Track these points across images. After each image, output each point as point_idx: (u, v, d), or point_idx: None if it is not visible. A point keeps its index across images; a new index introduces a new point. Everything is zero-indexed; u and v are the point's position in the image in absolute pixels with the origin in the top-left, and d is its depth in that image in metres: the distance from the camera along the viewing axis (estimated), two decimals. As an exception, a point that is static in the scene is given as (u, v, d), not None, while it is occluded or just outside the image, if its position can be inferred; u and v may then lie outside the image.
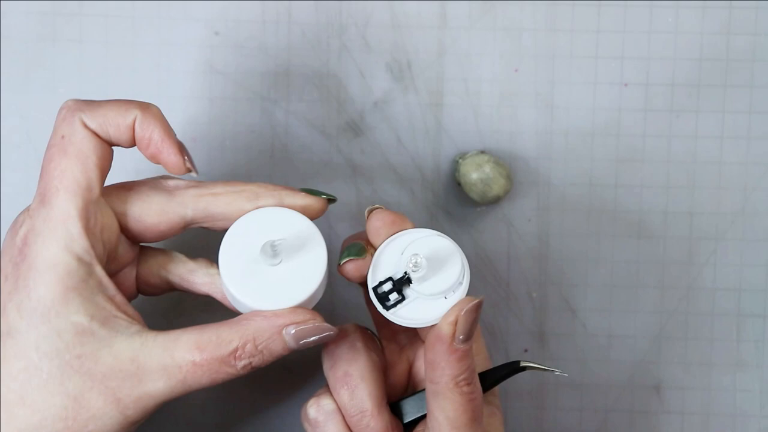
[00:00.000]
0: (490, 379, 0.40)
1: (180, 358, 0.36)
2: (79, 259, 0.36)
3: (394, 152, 0.48)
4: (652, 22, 0.48)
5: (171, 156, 0.38)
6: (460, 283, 0.38)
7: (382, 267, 0.38)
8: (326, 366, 0.40)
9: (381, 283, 0.37)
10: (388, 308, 0.37)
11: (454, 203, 0.48)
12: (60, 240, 0.35)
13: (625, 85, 0.48)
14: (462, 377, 0.36)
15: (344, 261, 0.38)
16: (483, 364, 0.41)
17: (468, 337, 0.36)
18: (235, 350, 0.36)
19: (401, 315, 0.37)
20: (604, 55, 0.48)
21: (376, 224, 0.38)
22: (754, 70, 0.48)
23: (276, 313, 0.36)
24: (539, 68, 0.48)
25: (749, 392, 0.49)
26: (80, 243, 0.36)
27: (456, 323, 0.36)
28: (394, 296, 0.37)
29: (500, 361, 0.44)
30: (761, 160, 0.49)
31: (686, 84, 0.48)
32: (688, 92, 0.48)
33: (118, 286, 0.38)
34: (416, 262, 0.36)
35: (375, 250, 0.38)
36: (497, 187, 0.46)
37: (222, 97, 0.48)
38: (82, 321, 0.35)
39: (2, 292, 0.36)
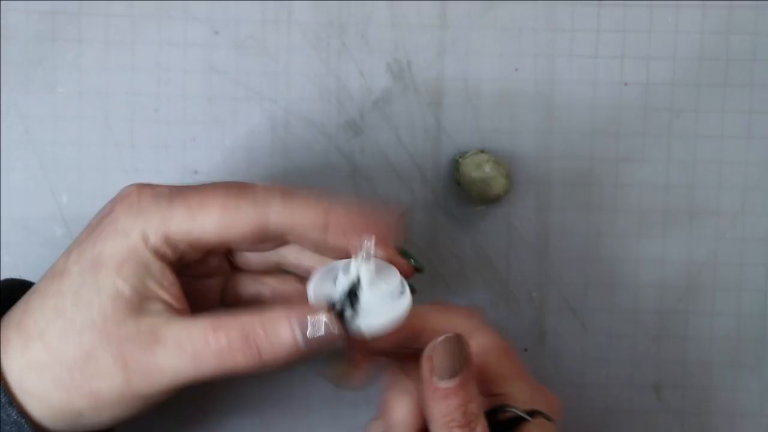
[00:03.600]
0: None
1: (194, 335, 0.36)
2: (152, 248, 0.36)
3: (393, 152, 0.48)
4: (652, 22, 0.48)
5: None
6: (402, 293, 0.37)
7: (321, 297, 0.36)
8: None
9: (332, 305, 0.36)
10: (349, 326, 0.36)
11: (454, 203, 0.48)
12: (145, 223, 0.36)
13: (625, 84, 0.48)
14: (450, 418, 0.35)
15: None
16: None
17: (450, 374, 0.35)
18: (246, 335, 0.35)
19: (361, 328, 0.36)
20: (604, 55, 0.48)
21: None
22: (754, 70, 0.48)
23: (290, 306, 0.36)
24: (539, 68, 0.48)
25: (749, 392, 0.49)
26: (158, 239, 0.36)
27: (432, 359, 0.36)
28: (348, 312, 0.36)
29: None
30: (761, 159, 0.49)
31: (686, 84, 0.48)
32: (688, 92, 0.48)
33: (199, 291, 0.39)
34: (369, 251, 0.36)
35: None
36: (497, 187, 0.46)
37: (222, 97, 0.48)
38: (124, 289, 0.36)
39: (77, 238, 0.38)
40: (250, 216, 0.36)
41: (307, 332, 0.35)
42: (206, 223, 0.36)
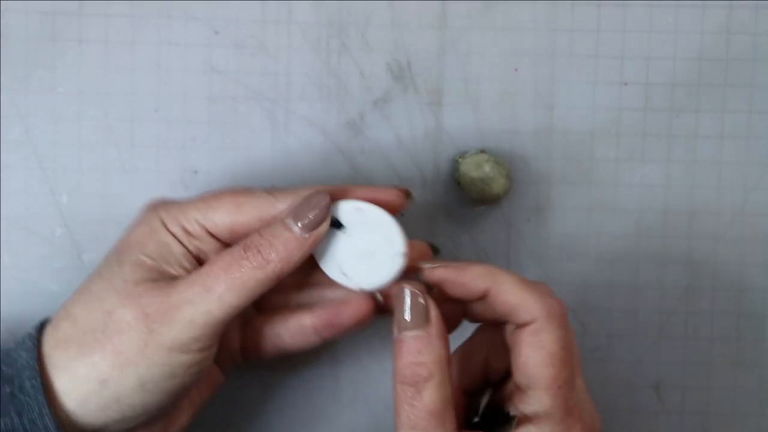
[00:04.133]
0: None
1: (204, 267, 0.38)
2: (174, 233, 0.39)
3: (394, 152, 0.48)
4: (652, 22, 0.48)
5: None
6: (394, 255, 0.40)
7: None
8: None
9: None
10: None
11: (454, 203, 0.48)
12: (165, 215, 0.39)
13: (625, 84, 0.48)
14: (400, 372, 0.36)
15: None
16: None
17: (402, 326, 0.37)
18: (247, 246, 0.38)
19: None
20: (604, 55, 0.48)
21: None
22: (754, 70, 0.48)
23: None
24: (539, 68, 0.48)
25: (749, 391, 0.49)
26: (177, 228, 0.39)
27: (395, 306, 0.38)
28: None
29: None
30: (761, 159, 0.49)
31: (686, 84, 0.48)
32: (688, 92, 0.48)
33: None
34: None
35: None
36: (497, 187, 0.46)
37: (222, 97, 0.48)
38: (146, 260, 0.38)
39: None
40: (262, 204, 0.39)
41: (300, 221, 0.38)
42: (220, 211, 0.39)
